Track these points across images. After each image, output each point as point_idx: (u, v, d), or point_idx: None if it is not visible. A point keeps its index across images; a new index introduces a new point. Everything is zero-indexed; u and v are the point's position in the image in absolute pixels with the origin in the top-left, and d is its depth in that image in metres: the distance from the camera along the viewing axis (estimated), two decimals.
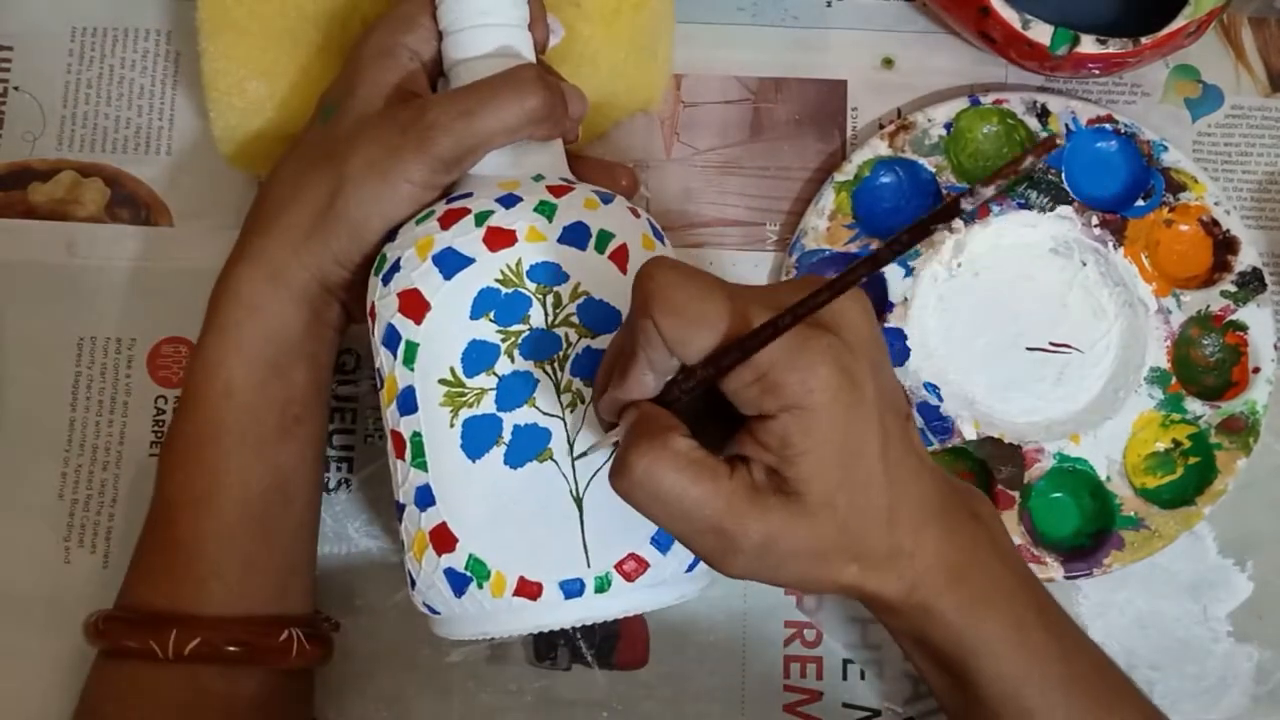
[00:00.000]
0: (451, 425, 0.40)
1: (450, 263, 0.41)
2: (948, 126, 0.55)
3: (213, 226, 0.55)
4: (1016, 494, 0.53)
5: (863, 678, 0.53)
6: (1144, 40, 0.51)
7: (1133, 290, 0.54)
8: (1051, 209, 0.54)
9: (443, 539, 0.41)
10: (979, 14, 0.52)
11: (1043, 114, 0.55)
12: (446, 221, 0.41)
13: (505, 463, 0.40)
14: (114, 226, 0.55)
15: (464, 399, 0.40)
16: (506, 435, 0.40)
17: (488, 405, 0.40)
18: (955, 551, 0.39)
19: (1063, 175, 0.55)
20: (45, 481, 0.53)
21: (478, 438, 0.40)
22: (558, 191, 0.42)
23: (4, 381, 0.54)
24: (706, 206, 0.56)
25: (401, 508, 0.42)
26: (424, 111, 0.43)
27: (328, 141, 0.45)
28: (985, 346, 0.55)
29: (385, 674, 0.52)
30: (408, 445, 0.41)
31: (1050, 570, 0.52)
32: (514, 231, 0.41)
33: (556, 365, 0.41)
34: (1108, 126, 0.55)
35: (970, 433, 0.53)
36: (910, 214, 0.55)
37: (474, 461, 0.40)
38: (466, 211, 0.41)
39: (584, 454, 0.40)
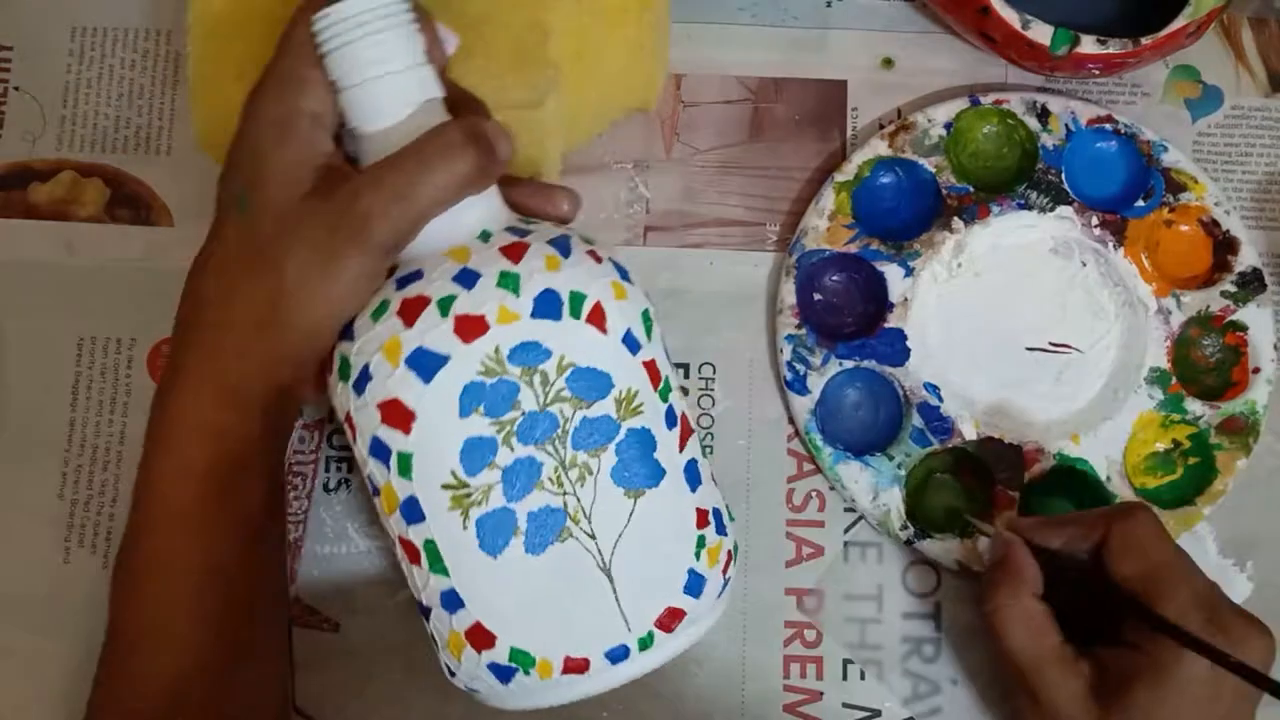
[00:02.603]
0: (465, 527, 0.39)
1: (426, 364, 0.38)
2: (948, 126, 0.55)
3: None
4: (1016, 494, 0.53)
5: (863, 678, 0.53)
6: (1144, 40, 0.51)
7: (1133, 290, 0.54)
8: (1051, 209, 0.54)
9: (480, 637, 0.40)
10: (979, 14, 0.52)
11: (1043, 114, 0.55)
12: (408, 315, 0.39)
13: (527, 552, 0.39)
14: (114, 226, 0.55)
15: (471, 499, 0.39)
16: (522, 524, 0.39)
17: (496, 499, 0.39)
18: None
19: (1063, 175, 0.55)
20: (45, 481, 0.53)
21: (494, 534, 0.39)
22: (514, 254, 0.40)
23: (4, 381, 0.54)
24: (706, 206, 0.56)
25: (426, 609, 0.41)
26: (354, 200, 0.40)
27: (252, 243, 0.41)
28: (985, 346, 0.55)
29: (385, 674, 0.52)
30: (422, 553, 0.40)
31: None
32: (484, 317, 0.38)
33: (557, 443, 0.39)
34: (1108, 127, 0.55)
35: (970, 433, 0.53)
36: (910, 214, 0.55)
37: (496, 558, 0.39)
38: (426, 300, 0.39)
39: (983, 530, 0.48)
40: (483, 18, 0.49)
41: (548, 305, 0.39)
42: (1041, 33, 0.52)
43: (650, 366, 0.41)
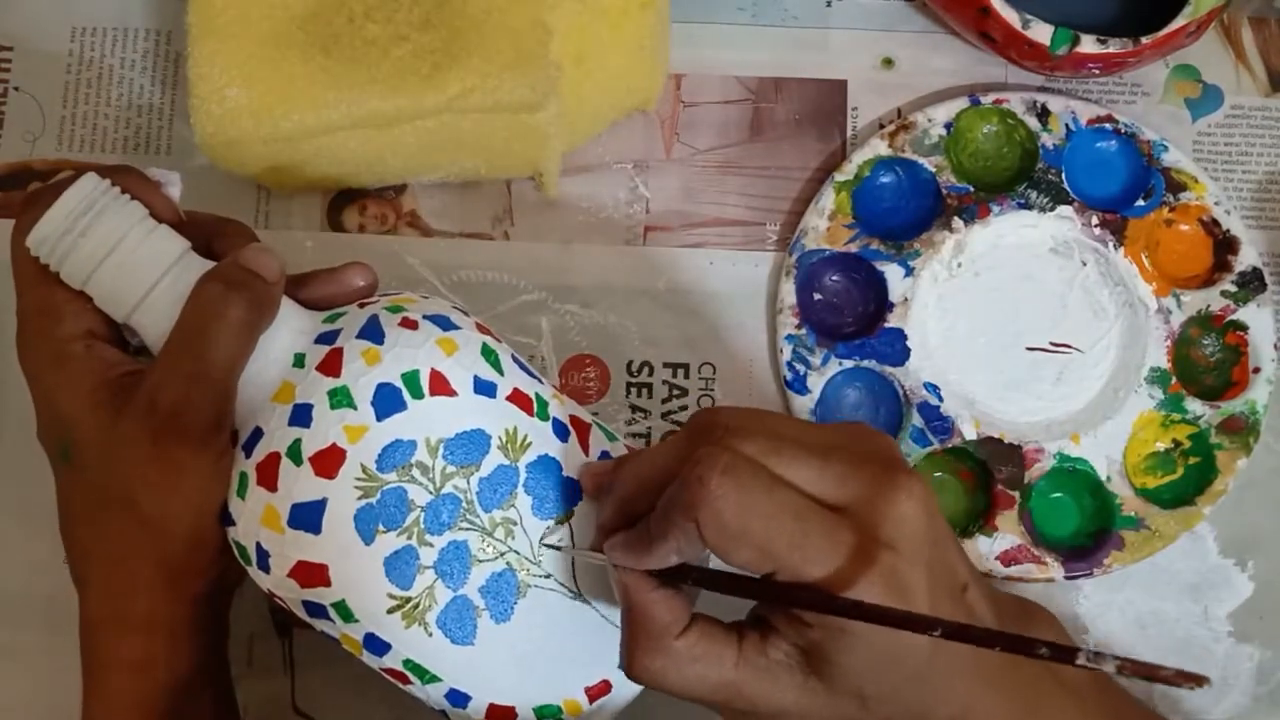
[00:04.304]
0: (430, 634, 0.39)
1: (309, 517, 0.38)
2: (948, 126, 0.55)
3: None
4: (1016, 494, 0.53)
5: None
6: (1144, 40, 0.51)
7: (1133, 290, 0.54)
8: (1051, 209, 0.54)
9: (501, 714, 0.41)
10: (979, 14, 0.52)
11: (1043, 114, 0.55)
12: (268, 480, 0.38)
13: (498, 623, 0.40)
14: None
15: (420, 608, 0.39)
16: (480, 603, 0.39)
17: (443, 594, 0.39)
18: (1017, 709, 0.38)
19: (1063, 175, 0.55)
20: (45, 481, 0.53)
21: (459, 625, 0.39)
22: (331, 367, 0.39)
23: (4, 381, 0.54)
24: (706, 206, 0.56)
25: (442, 712, 0.41)
26: (155, 400, 0.38)
27: (93, 487, 0.41)
28: (985, 346, 0.55)
29: None
30: (407, 673, 0.40)
31: (1051, 570, 0.52)
32: (334, 445, 0.37)
33: (469, 516, 0.39)
34: (1108, 126, 0.55)
35: (970, 433, 0.53)
36: (910, 214, 0.55)
37: (474, 644, 0.39)
38: (277, 457, 0.38)
39: (554, 545, 0.40)
40: (483, 17, 0.49)
41: (387, 401, 0.38)
42: (1041, 32, 0.52)
43: (516, 396, 0.41)
